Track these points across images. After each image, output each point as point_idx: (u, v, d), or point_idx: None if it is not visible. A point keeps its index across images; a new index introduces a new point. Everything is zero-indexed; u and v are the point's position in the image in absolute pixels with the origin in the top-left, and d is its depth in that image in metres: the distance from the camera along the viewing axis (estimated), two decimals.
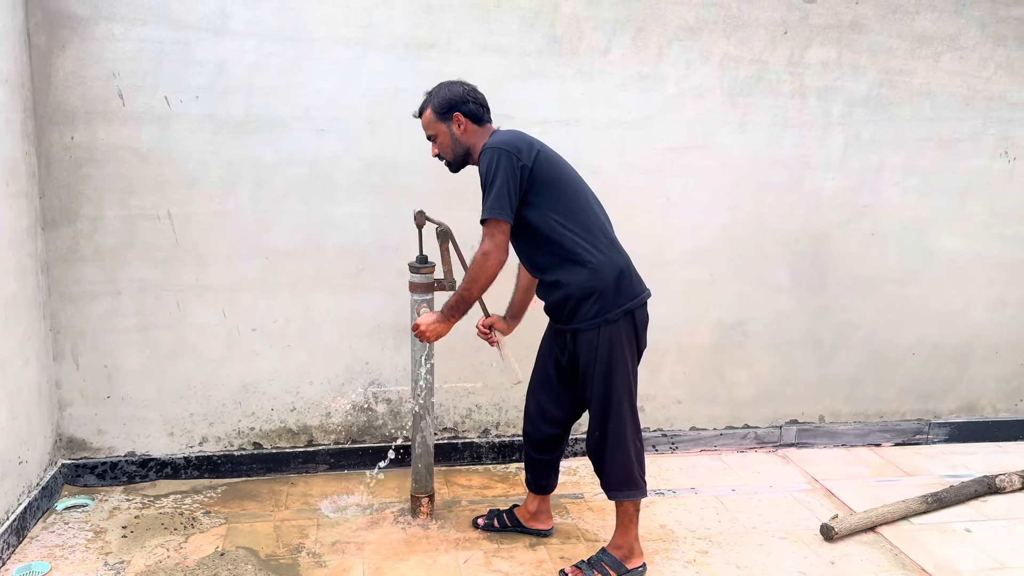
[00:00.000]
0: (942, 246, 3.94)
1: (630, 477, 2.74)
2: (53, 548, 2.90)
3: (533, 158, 2.60)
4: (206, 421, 3.45)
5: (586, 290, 2.62)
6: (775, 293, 3.83)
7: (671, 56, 3.52)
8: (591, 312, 2.64)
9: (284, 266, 3.39)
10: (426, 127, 2.78)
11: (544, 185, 2.62)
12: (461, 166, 2.82)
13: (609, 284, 2.62)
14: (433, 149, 2.80)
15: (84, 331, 3.27)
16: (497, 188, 2.56)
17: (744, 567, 2.89)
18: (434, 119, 2.74)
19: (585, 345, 2.68)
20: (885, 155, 3.80)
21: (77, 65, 3.09)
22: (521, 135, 2.67)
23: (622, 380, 2.68)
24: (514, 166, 2.57)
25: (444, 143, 2.76)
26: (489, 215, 2.58)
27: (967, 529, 3.21)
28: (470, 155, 2.77)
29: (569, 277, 2.64)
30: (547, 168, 2.63)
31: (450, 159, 2.79)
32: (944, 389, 4.09)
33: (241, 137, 3.26)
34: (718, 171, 3.66)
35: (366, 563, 2.85)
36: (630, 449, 2.72)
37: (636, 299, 2.68)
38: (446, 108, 2.72)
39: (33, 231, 3.08)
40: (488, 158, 2.59)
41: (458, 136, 2.74)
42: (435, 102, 2.73)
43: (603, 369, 2.67)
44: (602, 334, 2.64)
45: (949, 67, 3.77)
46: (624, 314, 2.65)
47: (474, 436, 3.70)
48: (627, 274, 2.67)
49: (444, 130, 2.74)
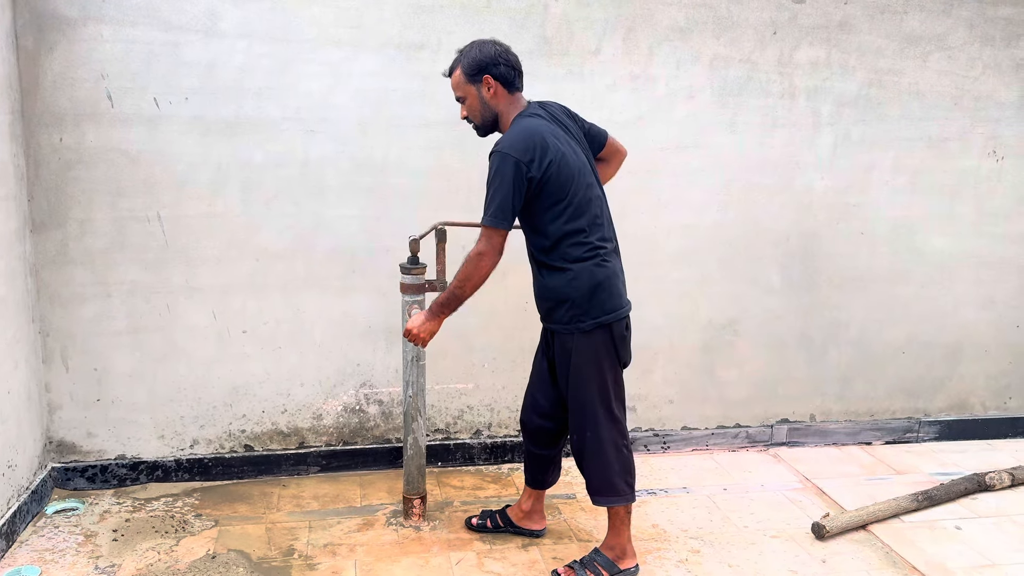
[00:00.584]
0: (931, 245, 3.95)
1: (609, 483, 2.72)
2: (43, 552, 2.88)
3: (544, 169, 2.54)
4: (197, 423, 3.43)
5: (561, 295, 2.63)
6: (766, 293, 3.84)
7: (661, 56, 3.53)
8: (564, 317, 2.65)
9: (274, 268, 3.38)
10: (455, 88, 2.69)
11: (547, 193, 2.58)
12: (489, 131, 2.74)
13: (583, 295, 2.60)
14: (461, 111, 2.72)
15: (74, 334, 3.26)
16: (502, 197, 2.52)
17: (736, 566, 2.90)
18: (463, 80, 2.65)
19: (560, 347, 2.71)
20: (874, 155, 3.81)
21: (65, 67, 3.08)
22: (538, 137, 2.56)
23: (598, 388, 2.67)
24: (523, 176, 2.52)
25: (473, 106, 2.68)
26: (490, 223, 2.55)
27: (957, 527, 3.22)
28: (499, 121, 2.70)
29: (548, 278, 2.66)
30: (555, 178, 2.56)
31: (478, 123, 2.71)
32: (934, 387, 4.11)
33: (231, 138, 3.25)
34: (708, 171, 3.67)
35: (358, 565, 2.85)
36: (609, 456, 2.71)
37: (612, 314, 2.64)
38: (476, 70, 2.63)
39: (21, 234, 3.07)
40: (498, 163, 2.54)
41: (487, 100, 2.66)
42: (465, 62, 2.64)
43: (576, 375, 2.67)
44: (576, 340, 2.65)
45: (938, 67, 3.79)
46: (598, 326, 2.63)
47: (466, 437, 3.69)
48: (605, 287, 2.62)
49: (473, 92, 2.66)
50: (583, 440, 2.72)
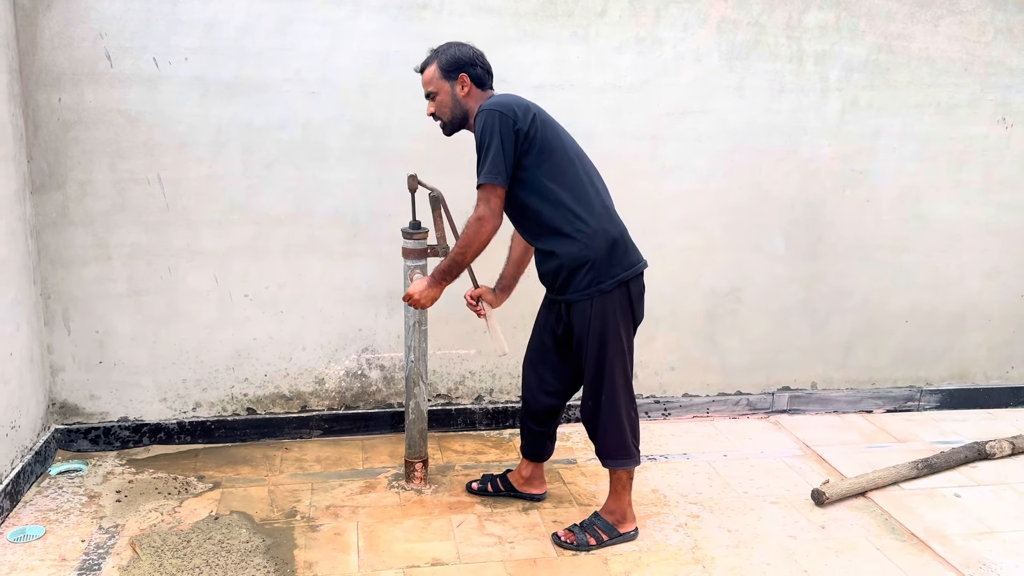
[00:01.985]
0: (937, 213, 3.92)
1: (623, 446, 2.74)
2: (47, 512, 2.91)
3: (529, 122, 2.55)
4: (199, 387, 3.44)
5: (579, 260, 2.60)
6: (770, 260, 3.82)
7: (668, 19, 3.47)
8: (584, 282, 2.62)
9: (276, 231, 3.36)
10: (427, 83, 2.70)
11: (539, 151, 2.57)
12: (456, 129, 2.77)
13: (602, 253, 2.60)
14: (429, 107, 2.74)
15: (75, 296, 3.25)
16: (494, 152, 2.52)
17: (735, 531, 2.92)
18: (438, 76, 2.67)
19: (579, 315, 2.67)
20: (882, 121, 3.77)
21: (63, 25, 3.03)
22: (517, 98, 2.62)
23: (616, 350, 2.67)
24: (510, 129, 2.52)
25: (444, 102, 2.69)
26: (485, 180, 2.54)
27: (956, 495, 3.24)
28: (467, 119, 2.72)
29: (561, 247, 2.62)
30: (543, 133, 2.58)
31: (446, 120, 2.73)
32: (936, 356, 4.10)
33: (231, 99, 3.21)
34: (714, 136, 3.63)
35: (360, 527, 2.87)
36: (623, 419, 2.73)
37: (631, 269, 2.65)
38: (454, 67, 2.65)
39: (21, 195, 3.05)
40: (484, 120, 2.54)
41: (459, 97, 2.68)
42: (443, 59, 2.66)
43: (596, 339, 2.66)
44: (595, 304, 2.63)
45: (948, 32, 3.72)
46: (618, 284, 2.63)
47: (467, 402, 3.70)
48: (621, 243, 2.64)
49: (446, 89, 2.68)
50: (598, 404, 2.72)
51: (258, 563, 2.63)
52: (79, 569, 2.57)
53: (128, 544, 2.71)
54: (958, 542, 2.89)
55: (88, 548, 2.69)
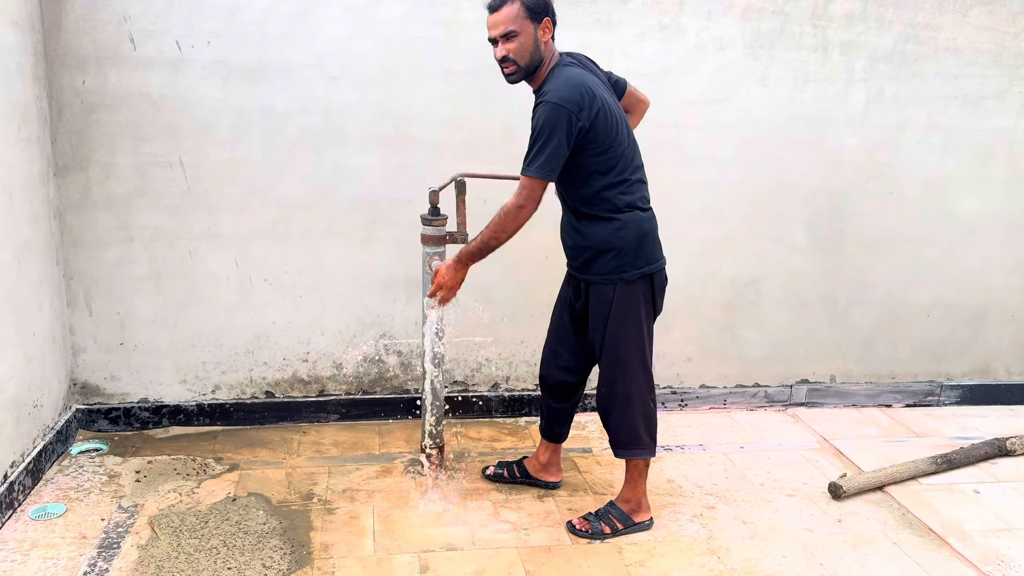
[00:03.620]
0: (962, 206, 3.87)
1: (636, 436, 2.74)
2: (68, 490, 2.95)
3: (592, 117, 2.48)
4: (218, 369, 3.47)
5: (607, 245, 2.60)
6: (790, 251, 3.79)
7: (692, 6, 3.44)
8: (607, 267, 2.62)
9: (296, 216, 3.37)
10: (508, 21, 2.48)
11: (594, 144, 2.53)
12: (524, 77, 2.59)
13: (630, 244, 2.59)
14: (501, 50, 2.52)
15: (97, 278, 3.28)
16: (551, 149, 2.46)
17: (751, 523, 2.91)
18: (523, 15, 2.48)
19: (597, 298, 2.67)
20: (908, 112, 3.72)
21: (88, 8, 3.05)
22: (586, 87, 2.50)
23: (635, 339, 2.67)
24: (572, 127, 2.46)
25: (525, 44, 2.51)
26: (536, 174, 2.49)
27: (976, 490, 3.21)
28: (540, 67, 2.57)
29: (593, 229, 2.62)
30: (603, 126, 2.52)
31: (523, 64, 2.54)
32: (957, 351, 4.06)
33: (253, 84, 3.22)
34: (737, 126, 3.59)
35: (376, 511, 2.89)
36: (637, 409, 2.72)
37: (655, 264, 2.66)
38: (540, 9, 2.50)
39: (45, 177, 3.07)
40: (547, 113, 2.46)
41: (540, 43, 2.54)
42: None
43: (615, 326, 2.65)
44: (617, 292, 2.63)
45: (977, 22, 3.66)
46: (641, 276, 2.63)
47: (484, 390, 3.71)
48: (651, 238, 2.64)
49: (530, 31, 2.50)
50: (613, 392, 2.71)
51: (275, 544, 2.65)
52: (99, 547, 2.61)
53: (147, 523, 2.74)
54: (976, 538, 2.86)
55: (108, 526, 2.72)
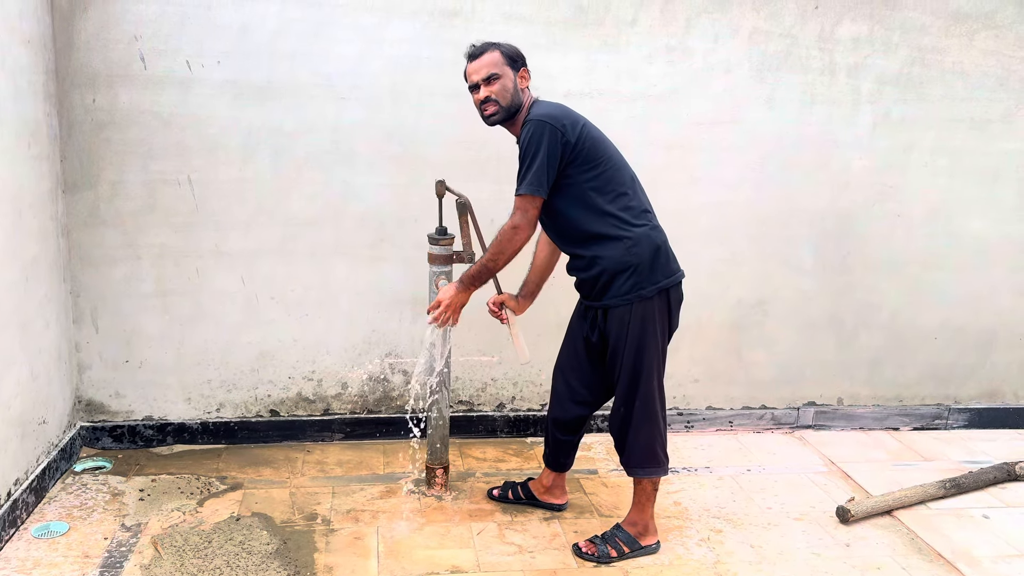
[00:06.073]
0: (969, 229, 3.86)
1: (653, 455, 2.73)
2: (71, 508, 2.93)
3: (577, 134, 2.55)
4: (223, 387, 3.46)
5: (622, 264, 2.59)
6: (798, 273, 3.78)
7: (699, 29, 3.46)
8: (625, 287, 2.61)
9: (303, 234, 3.38)
10: (489, 66, 2.62)
11: (585, 161, 2.57)
12: (505, 118, 2.68)
13: (645, 259, 2.59)
14: (482, 93, 2.64)
15: (104, 295, 3.28)
16: (538, 164, 2.51)
17: (758, 547, 2.88)
18: (503, 61, 2.63)
19: (616, 321, 2.66)
20: (914, 135, 3.72)
21: (99, 27, 3.07)
22: (566, 109, 2.62)
23: (652, 357, 2.66)
24: (557, 142, 2.52)
25: (506, 87, 2.63)
26: (526, 190, 2.54)
27: (985, 515, 3.18)
28: (519, 112, 2.67)
29: (605, 251, 2.61)
30: (590, 145, 2.57)
31: (504, 104, 2.64)
32: (965, 374, 4.04)
33: (262, 103, 3.23)
34: (744, 147, 3.60)
35: (380, 532, 2.87)
36: (655, 426, 2.71)
37: (672, 277, 2.66)
38: (517, 58, 2.67)
39: (54, 194, 3.08)
40: (531, 130, 2.53)
41: (519, 89, 2.66)
42: (504, 48, 2.65)
43: (634, 345, 2.64)
44: (635, 310, 2.62)
45: (984, 46, 3.67)
46: (659, 291, 2.63)
47: (489, 410, 3.69)
48: (664, 251, 2.64)
49: (510, 75, 2.64)
50: (631, 411, 2.69)
51: (278, 565, 2.63)
52: (102, 566, 2.59)
53: (150, 543, 2.73)
54: (986, 564, 2.83)
55: (111, 546, 2.71)
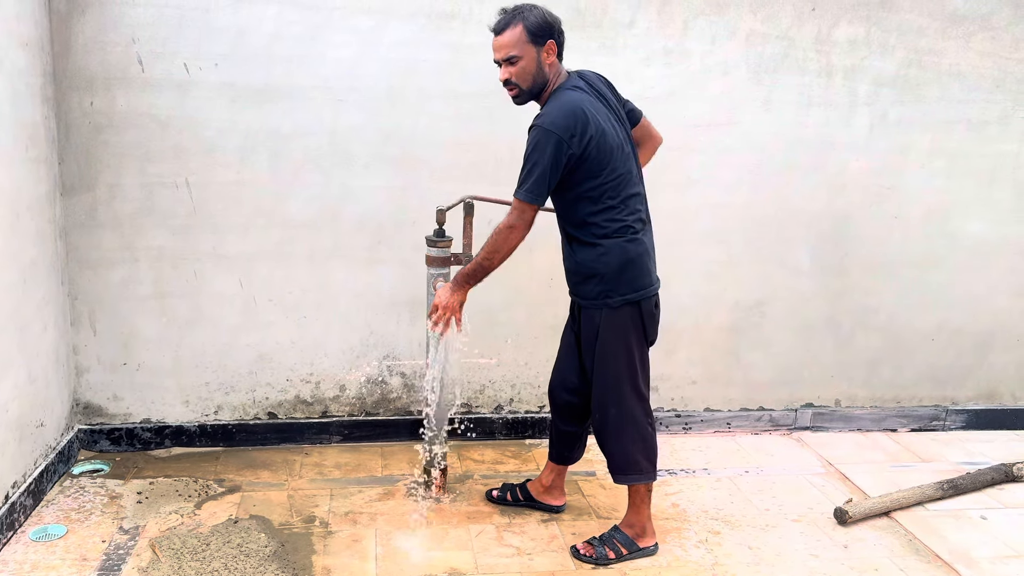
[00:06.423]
0: (966, 231, 3.87)
1: (633, 461, 2.71)
2: (69, 511, 2.93)
3: (584, 145, 2.47)
4: (221, 390, 3.46)
5: (591, 270, 2.61)
6: (795, 275, 3.78)
7: (696, 31, 3.46)
8: (593, 292, 2.63)
9: (301, 237, 3.38)
10: (510, 46, 2.49)
11: (586, 171, 2.53)
12: (529, 99, 2.61)
13: (612, 270, 2.58)
14: (504, 73, 2.54)
15: (102, 298, 3.28)
16: (539, 173, 2.48)
17: (756, 548, 2.88)
18: (525, 39, 2.48)
19: (587, 320, 2.69)
20: (911, 137, 3.73)
21: (97, 30, 3.08)
22: (580, 112, 2.48)
23: (625, 365, 2.66)
24: (563, 153, 2.46)
25: (527, 69, 2.51)
26: (524, 198, 2.52)
27: (983, 516, 3.18)
28: (545, 88, 2.58)
29: (580, 253, 2.63)
30: (595, 155, 2.51)
31: (525, 87, 2.55)
32: (963, 376, 4.04)
33: (260, 106, 3.23)
34: (741, 149, 3.61)
35: (378, 534, 2.87)
36: (632, 434, 2.70)
37: (640, 291, 2.62)
38: (544, 31, 2.49)
39: (52, 197, 3.08)
40: (539, 138, 2.47)
41: (544, 65, 2.54)
42: (530, 20, 2.48)
43: (603, 350, 2.65)
44: (604, 316, 2.63)
45: (980, 48, 3.68)
46: (626, 303, 2.61)
47: (487, 412, 3.69)
48: (636, 264, 2.60)
49: (532, 55, 2.50)
50: (606, 417, 2.70)
51: (276, 568, 2.63)
52: (99, 569, 2.59)
53: (148, 545, 2.73)
54: (984, 565, 2.83)
55: (109, 548, 2.70)
